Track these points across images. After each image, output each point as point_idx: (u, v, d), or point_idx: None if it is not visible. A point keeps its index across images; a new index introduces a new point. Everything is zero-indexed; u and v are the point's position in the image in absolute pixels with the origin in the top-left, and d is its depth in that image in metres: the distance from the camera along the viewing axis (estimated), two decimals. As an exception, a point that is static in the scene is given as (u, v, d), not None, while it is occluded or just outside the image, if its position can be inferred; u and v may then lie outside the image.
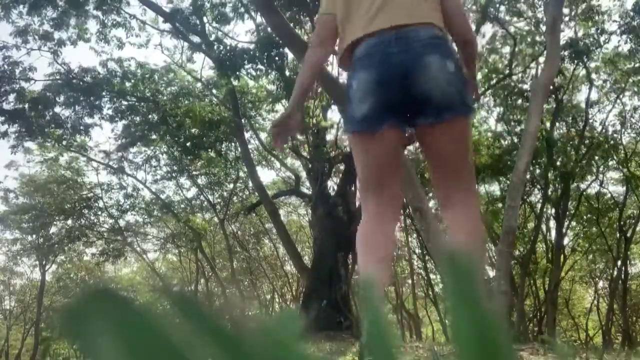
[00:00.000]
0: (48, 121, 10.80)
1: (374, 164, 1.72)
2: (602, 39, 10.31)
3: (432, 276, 16.56)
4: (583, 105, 11.94)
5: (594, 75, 11.66)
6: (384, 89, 1.65)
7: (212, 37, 9.69)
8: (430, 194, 12.09)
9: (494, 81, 11.12)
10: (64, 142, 12.18)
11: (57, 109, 10.79)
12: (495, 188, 12.65)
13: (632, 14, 9.46)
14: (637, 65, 10.73)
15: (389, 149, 1.71)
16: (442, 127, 1.66)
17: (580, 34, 10.68)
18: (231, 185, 15.33)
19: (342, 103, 6.16)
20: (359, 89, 1.67)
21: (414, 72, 1.63)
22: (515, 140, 10.91)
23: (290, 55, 8.77)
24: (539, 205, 12.65)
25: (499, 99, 11.51)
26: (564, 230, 12.40)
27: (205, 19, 9.94)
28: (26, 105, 10.30)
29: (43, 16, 9.81)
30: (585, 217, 14.09)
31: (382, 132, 1.67)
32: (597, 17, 10.15)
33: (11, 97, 10.25)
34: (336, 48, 1.89)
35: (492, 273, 5.72)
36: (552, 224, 13.21)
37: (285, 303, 20.55)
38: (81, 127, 11.15)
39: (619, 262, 13.14)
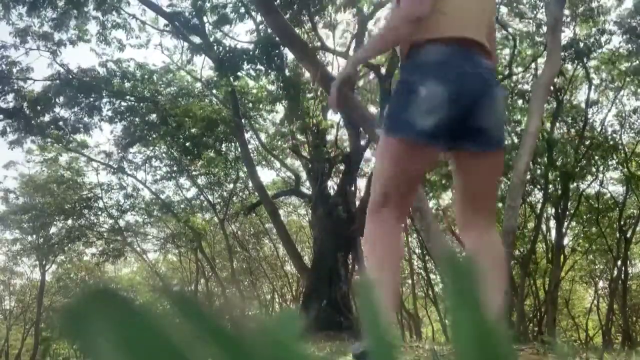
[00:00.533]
0: (48, 122, 10.78)
1: (409, 174, 1.70)
2: (602, 39, 10.32)
3: (432, 276, 16.56)
4: (583, 105, 11.95)
5: (592, 75, 11.67)
6: (452, 107, 1.63)
7: (212, 38, 9.69)
8: (431, 194, 12.13)
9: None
10: (64, 142, 12.18)
11: (56, 110, 10.78)
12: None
13: (632, 13, 9.46)
14: (634, 63, 10.73)
15: (428, 164, 1.72)
16: (488, 157, 1.71)
17: (580, 34, 10.68)
18: (231, 186, 15.33)
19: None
20: (430, 99, 1.61)
21: (483, 99, 1.64)
22: (516, 140, 10.91)
23: (290, 56, 8.77)
24: (539, 205, 12.65)
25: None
26: (564, 230, 12.40)
27: (205, 19, 9.95)
28: (25, 104, 10.28)
29: (43, 17, 9.80)
30: (585, 217, 14.09)
31: (433, 148, 1.67)
32: (597, 18, 10.15)
33: (9, 97, 10.24)
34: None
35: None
36: (552, 224, 13.22)
37: (285, 303, 20.55)
38: (80, 127, 11.14)
39: (619, 262, 13.14)
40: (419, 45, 1.69)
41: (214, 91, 11.47)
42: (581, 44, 9.99)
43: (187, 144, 11.77)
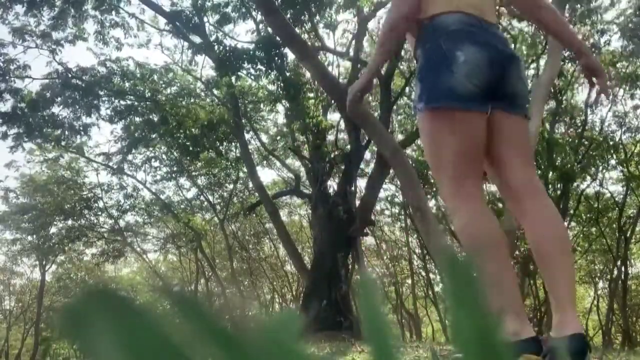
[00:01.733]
0: (45, 121, 10.74)
1: (474, 146, 1.58)
2: (602, 40, 10.34)
3: (432, 276, 16.57)
4: (582, 105, 11.96)
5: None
6: (492, 72, 1.57)
7: (213, 37, 9.69)
8: (432, 194, 12.12)
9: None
10: (63, 143, 12.15)
11: (55, 109, 10.75)
12: (496, 188, 12.63)
13: (630, 15, 9.47)
14: (631, 63, 10.74)
15: (480, 132, 1.60)
16: (517, 120, 1.67)
17: (580, 36, 10.69)
18: (231, 186, 15.33)
19: (342, 101, 6.16)
20: (469, 63, 1.54)
21: (510, 65, 1.62)
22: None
23: (291, 56, 8.77)
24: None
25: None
26: (564, 231, 12.38)
27: (205, 19, 9.94)
28: (23, 104, 10.24)
29: (40, 17, 9.77)
30: (584, 217, 14.09)
31: (486, 114, 1.59)
32: (597, 18, 10.16)
33: (7, 95, 10.19)
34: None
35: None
36: (552, 224, 13.18)
37: (285, 303, 20.55)
38: (80, 128, 11.11)
39: (619, 262, 13.14)
40: (438, 15, 1.63)
41: (215, 91, 11.46)
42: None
43: (187, 144, 11.76)
